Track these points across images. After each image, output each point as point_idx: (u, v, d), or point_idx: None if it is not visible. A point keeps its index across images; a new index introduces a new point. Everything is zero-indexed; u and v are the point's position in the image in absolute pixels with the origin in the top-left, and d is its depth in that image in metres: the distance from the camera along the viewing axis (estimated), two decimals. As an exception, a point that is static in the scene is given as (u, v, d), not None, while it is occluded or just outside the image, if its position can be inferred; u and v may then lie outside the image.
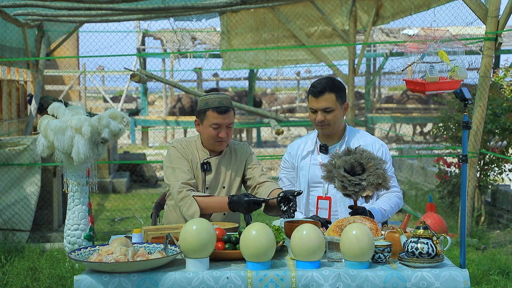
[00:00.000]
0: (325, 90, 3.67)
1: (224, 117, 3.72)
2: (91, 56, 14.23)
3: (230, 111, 3.76)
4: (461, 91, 3.10)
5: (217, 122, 3.72)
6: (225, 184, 3.83)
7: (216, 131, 3.74)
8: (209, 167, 3.80)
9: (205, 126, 3.77)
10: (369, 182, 3.23)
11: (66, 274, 5.38)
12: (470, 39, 8.44)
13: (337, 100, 3.69)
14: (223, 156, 3.86)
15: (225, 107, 3.72)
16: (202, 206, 3.59)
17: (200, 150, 3.85)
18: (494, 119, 7.37)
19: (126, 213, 8.89)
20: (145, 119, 16.13)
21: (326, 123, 3.70)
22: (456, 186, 8.02)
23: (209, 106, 3.73)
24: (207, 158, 3.81)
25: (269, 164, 12.97)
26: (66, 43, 13.56)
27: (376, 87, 20.50)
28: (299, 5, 11.01)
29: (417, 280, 2.81)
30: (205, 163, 3.80)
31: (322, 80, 3.73)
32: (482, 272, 5.55)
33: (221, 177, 3.83)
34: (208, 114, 3.74)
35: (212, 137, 3.75)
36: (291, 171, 3.91)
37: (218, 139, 3.75)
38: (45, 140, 5.36)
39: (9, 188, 6.80)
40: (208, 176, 3.80)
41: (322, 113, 3.68)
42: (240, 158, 3.90)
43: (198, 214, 3.54)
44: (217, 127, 3.73)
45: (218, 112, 3.72)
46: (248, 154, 3.93)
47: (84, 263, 2.83)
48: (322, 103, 3.67)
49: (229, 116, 3.75)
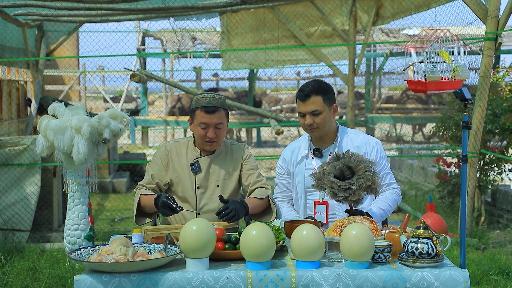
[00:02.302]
0: (312, 93, 3.66)
1: (211, 117, 3.72)
2: (91, 56, 14.26)
3: (219, 111, 3.74)
4: (461, 91, 3.10)
5: (205, 122, 3.73)
6: (218, 183, 3.84)
7: (204, 131, 3.75)
8: (199, 167, 3.81)
9: (194, 125, 3.80)
10: (358, 185, 3.23)
11: (66, 274, 5.38)
12: (470, 39, 8.44)
13: (324, 102, 3.67)
14: (217, 155, 3.87)
15: (213, 107, 3.72)
16: (142, 204, 3.77)
17: (190, 150, 3.87)
18: (494, 119, 7.37)
19: (126, 213, 8.89)
20: (145, 119, 16.13)
21: (315, 126, 3.68)
22: (456, 186, 8.02)
23: (199, 105, 3.75)
24: (197, 158, 3.83)
25: (269, 164, 12.97)
26: (66, 43, 13.55)
27: (376, 87, 20.49)
28: (299, 5, 11.00)
29: (417, 280, 2.81)
30: (194, 163, 3.82)
31: (308, 84, 3.72)
32: (482, 272, 5.55)
33: (213, 176, 3.84)
34: (197, 113, 3.76)
35: (200, 136, 3.78)
36: (287, 176, 3.90)
37: (206, 138, 3.76)
38: (44, 140, 5.36)
39: (9, 188, 6.80)
40: (198, 176, 3.82)
41: (311, 116, 3.67)
42: (236, 158, 3.90)
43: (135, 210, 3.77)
44: (205, 127, 3.74)
45: (206, 112, 3.72)
46: (245, 157, 3.92)
47: (84, 263, 2.83)
48: (309, 107, 3.66)
49: (218, 116, 3.74)
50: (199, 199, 3.81)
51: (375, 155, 3.73)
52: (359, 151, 3.72)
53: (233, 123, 15.60)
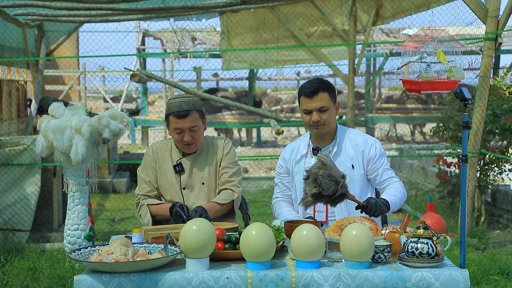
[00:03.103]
0: (319, 89, 3.67)
1: (184, 121, 3.71)
2: (91, 56, 14.27)
3: (192, 114, 3.73)
4: (461, 91, 3.09)
5: (178, 127, 3.73)
6: (203, 180, 3.85)
7: (180, 135, 3.75)
8: (182, 168, 3.83)
9: (170, 130, 3.80)
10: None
11: (66, 274, 5.38)
12: (470, 39, 8.44)
13: (330, 99, 3.71)
14: (198, 154, 3.88)
15: (184, 111, 3.71)
16: (153, 213, 3.74)
17: (174, 151, 3.89)
18: (494, 119, 7.37)
19: (126, 213, 8.89)
20: (145, 119, 16.12)
21: (322, 123, 3.69)
22: (456, 186, 8.02)
23: (170, 111, 3.76)
24: (179, 159, 3.85)
25: (269, 164, 12.96)
26: (66, 43, 13.54)
27: (376, 87, 20.49)
28: (299, 5, 11.00)
29: (417, 280, 2.81)
30: (177, 165, 3.84)
31: (312, 81, 3.73)
32: (482, 272, 5.55)
33: (197, 175, 3.85)
34: (170, 119, 3.77)
35: (178, 141, 3.79)
36: (286, 176, 3.91)
37: (183, 142, 3.77)
38: (44, 140, 5.35)
39: (9, 188, 6.79)
40: (182, 177, 3.84)
41: (318, 113, 3.68)
42: (217, 154, 3.91)
43: (151, 222, 3.71)
44: (179, 132, 3.75)
45: (177, 117, 3.72)
46: (224, 152, 3.91)
47: (84, 263, 2.83)
48: (317, 103, 3.67)
49: (191, 119, 3.73)
50: (187, 199, 3.83)
51: (374, 153, 3.76)
52: (357, 149, 3.74)
53: (233, 123, 15.60)
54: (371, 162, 3.75)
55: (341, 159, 3.74)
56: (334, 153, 3.75)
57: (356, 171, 3.74)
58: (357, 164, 3.74)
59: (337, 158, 3.74)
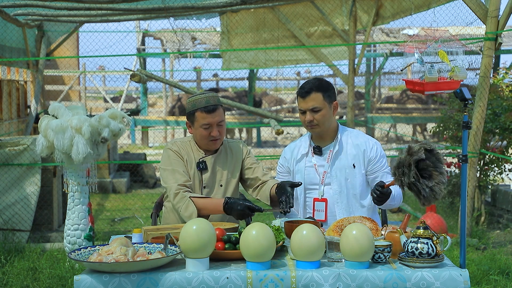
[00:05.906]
0: (312, 90, 3.70)
1: (213, 116, 3.71)
2: (91, 56, 14.24)
3: (219, 108, 3.74)
4: (461, 91, 3.10)
5: (207, 122, 3.72)
6: (222, 182, 3.83)
7: (208, 131, 3.73)
8: (205, 166, 3.80)
9: (196, 127, 3.76)
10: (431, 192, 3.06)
11: (66, 274, 5.38)
12: (470, 39, 8.44)
13: (324, 99, 3.70)
14: (219, 154, 3.86)
15: (212, 106, 3.71)
16: (199, 207, 3.59)
17: (195, 150, 3.85)
18: (494, 118, 7.37)
19: (126, 213, 8.89)
20: (145, 119, 16.13)
21: (315, 123, 3.71)
22: (456, 186, 8.02)
23: (197, 107, 3.73)
24: (203, 157, 3.82)
25: (269, 164, 12.97)
26: (66, 43, 13.56)
27: (376, 87, 20.50)
28: (299, 5, 11.01)
29: (417, 280, 2.81)
30: (201, 162, 3.80)
31: (309, 81, 3.76)
32: (482, 272, 5.55)
33: (217, 175, 3.83)
34: (197, 115, 3.74)
35: (204, 137, 3.75)
36: (287, 175, 3.92)
37: (211, 138, 3.75)
38: (44, 140, 5.36)
39: (9, 188, 6.79)
40: (204, 175, 3.81)
41: (310, 113, 3.70)
42: (236, 156, 3.90)
43: (195, 214, 3.55)
44: (208, 127, 3.73)
45: (206, 112, 3.71)
46: (245, 153, 3.93)
47: (84, 263, 2.83)
48: (309, 103, 3.69)
49: (218, 114, 3.74)
50: None
51: (374, 153, 3.77)
52: (358, 149, 3.75)
53: (233, 123, 15.60)
54: (371, 162, 3.76)
55: (343, 158, 3.75)
56: (335, 152, 3.76)
57: (357, 170, 3.74)
58: (358, 163, 3.75)
59: (338, 157, 3.75)
